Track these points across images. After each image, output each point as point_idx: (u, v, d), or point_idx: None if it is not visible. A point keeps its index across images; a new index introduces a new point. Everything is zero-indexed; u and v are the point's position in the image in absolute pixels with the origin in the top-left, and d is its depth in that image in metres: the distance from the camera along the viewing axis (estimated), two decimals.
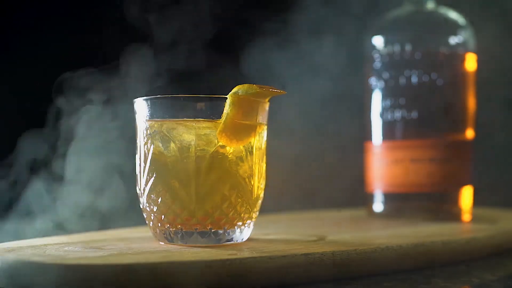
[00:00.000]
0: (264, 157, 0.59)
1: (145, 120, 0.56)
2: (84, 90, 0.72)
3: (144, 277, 0.44)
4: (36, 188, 0.71)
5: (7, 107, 0.81)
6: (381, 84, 0.82)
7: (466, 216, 0.79)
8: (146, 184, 0.55)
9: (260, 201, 0.58)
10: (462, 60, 0.80)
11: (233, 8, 0.95)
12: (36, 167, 0.72)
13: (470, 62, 0.81)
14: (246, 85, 0.54)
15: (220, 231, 0.55)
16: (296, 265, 0.50)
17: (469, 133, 0.81)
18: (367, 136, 0.85)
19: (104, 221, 0.73)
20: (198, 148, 0.54)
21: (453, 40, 0.80)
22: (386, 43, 0.81)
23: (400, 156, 0.80)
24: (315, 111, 1.16)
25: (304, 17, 1.15)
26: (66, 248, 0.51)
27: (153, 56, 0.78)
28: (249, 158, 0.56)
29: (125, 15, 0.79)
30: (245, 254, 0.49)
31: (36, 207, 0.71)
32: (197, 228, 0.54)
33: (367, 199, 0.85)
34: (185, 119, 0.54)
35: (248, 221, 0.57)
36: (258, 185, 0.57)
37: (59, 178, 0.71)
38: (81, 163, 0.72)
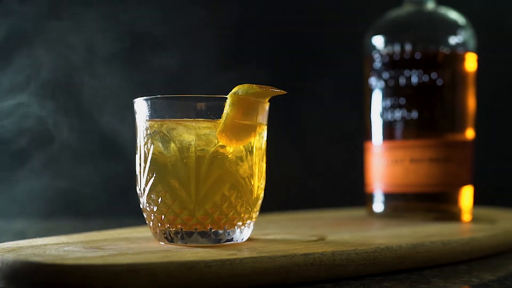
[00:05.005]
0: (264, 157, 0.59)
1: (145, 120, 0.56)
2: None
3: (144, 277, 0.44)
4: None
5: None
6: (381, 84, 0.82)
7: (466, 216, 0.79)
8: (146, 184, 0.55)
9: (260, 201, 0.58)
10: (462, 60, 0.80)
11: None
12: None
13: (470, 62, 0.81)
14: (246, 85, 0.54)
15: (220, 231, 0.55)
16: (296, 265, 0.50)
17: (469, 133, 0.81)
18: (367, 136, 0.85)
19: None
20: (198, 148, 0.54)
21: (453, 40, 0.80)
22: (386, 43, 0.81)
23: (400, 156, 0.80)
24: (315, 111, 1.17)
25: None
26: (66, 248, 0.51)
27: None
28: (249, 158, 0.56)
29: None
30: (245, 254, 0.49)
31: None
32: (197, 228, 0.54)
33: (367, 199, 0.85)
34: (185, 119, 0.54)
35: (248, 221, 0.57)
36: (258, 185, 0.57)
37: None
38: None
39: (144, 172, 0.56)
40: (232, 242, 0.56)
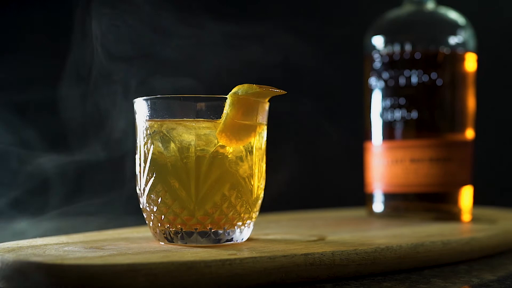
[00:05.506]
0: (264, 157, 0.59)
1: (145, 120, 0.56)
2: None
3: (144, 277, 0.44)
4: None
5: None
6: (381, 84, 0.82)
7: (466, 216, 0.79)
8: (146, 184, 0.55)
9: (260, 201, 0.58)
10: (462, 60, 0.80)
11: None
12: None
13: (470, 62, 0.81)
14: (246, 85, 0.54)
15: (220, 231, 0.55)
16: (296, 265, 0.50)
17: (469, 133, 0.81)
18: (367, 136, 0.85)
19: None
20: (198, 148, 0.54)
21: (453, 40, 0.80)
22: (386, 43, 0.81)
23: (400, 156, 0.80)
24: (315, 110, 1.17)
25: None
26: (66, 248, 0.51)
27: None
28: (249, 158, 0.56)
29: None
30: (245, 254, 0.49)
31: None
32: (197, 228, 0.54)
33: (367, 199, 0.85)
34: (185, 119, 0.54)
35: (248, 221, 0.57)
36: (258, 185, 0.57)
37: None
38: None
39: (144, 172, 0.56)
40: (232, 242, 0.56)
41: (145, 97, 0.56)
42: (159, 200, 0.54)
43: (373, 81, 0.83)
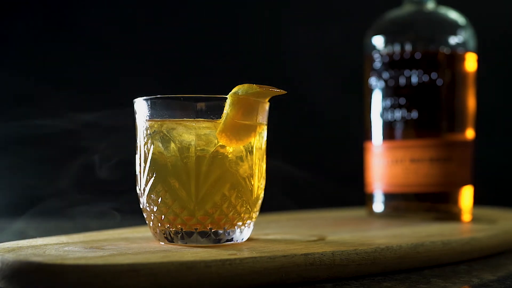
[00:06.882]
0: (264, 157, 0.59)
1: (145, 120, 0.56)
2: None
3: (144, 277, 0.44)
4: None
5: None
6: (381, 84, 0.82)
7: (466, 216, 0.79)
8: (146, 184, 0.55)
9: (260, 201, 0.58)
10: (462, 60, 0.80)
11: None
12: None
13: (470, 62, 0.81)
14: (246, 85, 0.54)
15: (220, 231, 0.55)
16: (296, 265, 0.50)
17: (469, 133, 0.81)
18: (367, 136, 0.85)
19: None
20: (198, 148, 0.54)
21: (453, 40, 0.80)
22: (386, 43, 0.81)
23: (400, 156, 0.80)
24: (315, 110, 1.17)
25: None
26: (66, 248, 0.51)
27: None
28: (249, 158, 0.56)
29: None
30: (245, 254, 0.49)
31: None
32: (197, 228, 0.54)
33: (367, 199, 0.85)
34: (185, 119, 0.54)
35: (248, 221, 0.57)
36: (258, 185, 0.57)
37: None
38: None
39: (144, 172, 0.56)
40: (232, 242, 0.56)
41: (145, 97, 0.56)
42: (159, 200, 0.54)
43: (373, 81, 0.83)
